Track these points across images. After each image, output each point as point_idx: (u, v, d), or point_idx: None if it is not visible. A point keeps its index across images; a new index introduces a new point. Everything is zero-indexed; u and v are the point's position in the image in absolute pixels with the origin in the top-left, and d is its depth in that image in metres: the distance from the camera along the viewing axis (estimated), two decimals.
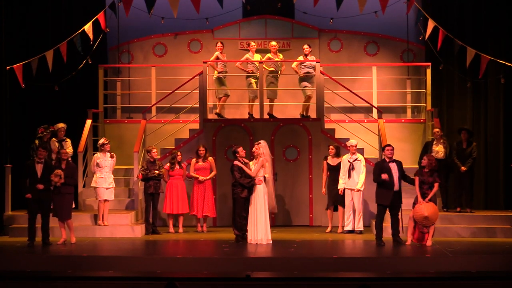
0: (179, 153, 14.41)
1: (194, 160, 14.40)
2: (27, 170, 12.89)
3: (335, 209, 14.34)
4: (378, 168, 12.86)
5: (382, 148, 13.04)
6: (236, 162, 13.08)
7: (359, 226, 14.10)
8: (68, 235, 13.01)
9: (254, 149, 13.27)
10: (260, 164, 12.98)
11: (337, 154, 14.33)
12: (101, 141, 14.30)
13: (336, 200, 14.22)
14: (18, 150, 14.81)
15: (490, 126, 16.00)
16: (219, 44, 16.05)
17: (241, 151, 13.23)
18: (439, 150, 14.57)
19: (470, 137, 14.68)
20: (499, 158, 15.85)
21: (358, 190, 14.00)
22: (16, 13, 15.60)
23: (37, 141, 14.22)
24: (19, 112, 15.48)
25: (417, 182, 12.73)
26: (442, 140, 14.66)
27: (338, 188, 14.12)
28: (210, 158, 14.53)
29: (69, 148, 14.66)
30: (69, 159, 14.03)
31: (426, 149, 14.71)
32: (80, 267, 11.34)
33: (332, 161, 14.31)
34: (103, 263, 11.50)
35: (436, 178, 12.71)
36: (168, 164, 14.32)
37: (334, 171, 14.24)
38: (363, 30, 17.31)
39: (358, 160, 14.10)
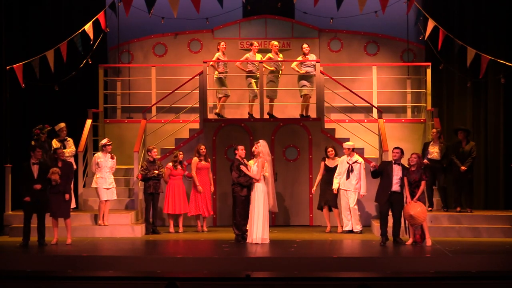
0: (180, 153, 14.41)
1: (196, 159, 14.37)
2: (23, 172, 12.88)
3: (330, 209, 14.34)
4: (381, 167, 12.98)
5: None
6: (236, 162, 13.09)
7: (356, 227, 14.10)
8: (64, 235, 13.00)
9: (253, 148, 13.29)
10: (261, 165, 12.98)
11: (336, 155, 14.35)
12: (104, 141, 14.29)
13: (328, 200, 14.22)
14: (18, 150, 14.81)
15: (490, 126, 16.00)
16: (222, 43, 16.04)
17: (241, 149, 13.22)
18: (434, 150, 14.56)
19: (468, 135, 14.67)
20: (499, 158, 15.85)
21: (363, 196, 14.05)
22: (16, 13, 15.60)
23: (33, 142, 14.20)
24: (19, 112, 15.50)
25: (406, 182, 12.77)
26: (439, 141, 14.64)
27: (333, 187, 14.12)
28: (209, 159, 14.56)
29: (71, 147, 14.66)
30: (71, 159, 14.09)
31: (425, 149, 14.71)
32: (80, 267, 11.34)
33: (330, 162, 14.30)
34: (103, 263, 11.50)
35: (422, 176, 12.74)
36: (170, 164, 14.31)
37: (331, 172, 14.24)
38: (363, 30, 17.31)
39: (358, 163, 14.10)
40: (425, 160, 14.38)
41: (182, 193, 14.35)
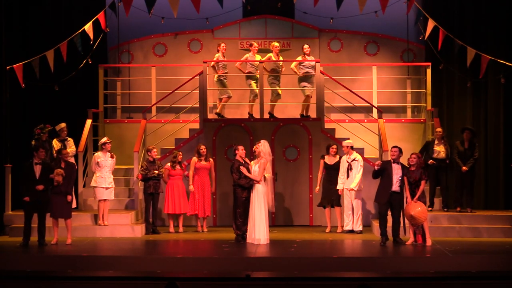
0: (180, 153, 14.41)
1: (195, 158, 14.37)
2: (24, 172, 12.87)
3: (332, 207, 14.34)
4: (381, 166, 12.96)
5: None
6: (236, 164, 13.08)
7: (358, 227, 14.11)
8: (64, 235, 12.99)
9: (254, 148, 13.29)
10: (262, 167, 12.98)
11: (337, 153, 14.38)
12: (103, 140, 14.29)
13: (332, 199, 14.22)
14: (18, 150, 14.81)
15: (490, 126, 16.00)
16: (223, 45, 16.03)
17: (241, 149, 13.22)
18: (440, 150, 14.58)
19: (473, 137, 14.67)
20: (499, 158, 15.85)
21: (352, 190, 14.01)
22: (16, 13, 15.60)
23: (33, 141, 14.20)
24: (19, 112, 15.50)
25: (406, 182, 12.77)
26: (443, 141, 14.66)
27: (337, 188, 14.13)
28: (211, 159, 14.54)
29: (71, 147, 14.66)
30: (72, 159, 14.08)
31: (427, 148, 14.73)
32: (80, 267, 11.33)
33: (330, 160, 14.31)
34: (103, 263, 11.50)
35: (422, 176, 12.74)
36: (169, 164, 14.32)
37: (331, 170, 14.25)
38: (363, 30, 17.32)
39: (356, 160, 14.11)
40: (430, 161, 14.40)
41: (182, 193, 14.34)
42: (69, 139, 14.81)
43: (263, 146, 13.18)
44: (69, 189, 12.95)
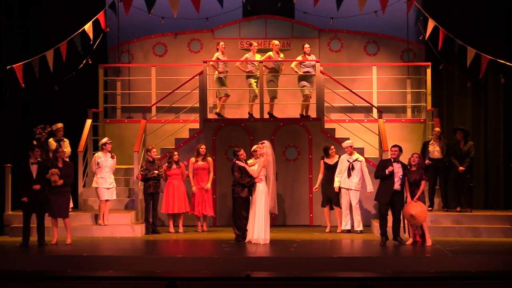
0: (175, 153, 14.39)
1: (193, 159, 14.38)
2: (23, 172, 12.86)
3: (331, 208, 14.35)
4: (380, 166, 12.94)
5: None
6: (237, 162, 13.09)
7: (359, 226, 14.10)
8: (64, 235, 12.99)
9: (257, 148, 13.25)
10: (261, 164, 12.99)
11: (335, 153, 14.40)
12: (104, 140, 14.29)
13: (331, 198, 14.23)
14: (18, 150, 14.81)
15: (490, 126, 16.01)
16: (221, 43, 16.04)
17: (241, 154, 13.21)
18: (434, 150, 14.57)
19: (467, 136, 14.67)
20: (499, 158, 15.86)
21: (370, 192, 13.99)
22: (16, 13, 15.61)
23: (34, 142, 14.21)
24: (19, 112, 15.50)
25: (406, 182, 12.76)
26: (439, 140, 14.64)
27: (334, 186, 14.12)
28: (209, 159, 14.51)
29: (67, 148, 14.66)
30: (67, 158, 14.07)
31: (424, 148, 14.72)
32: (80, 267, 11.34)
33: (330, 160, 14.31)
34: (103, 263, 11.51)
35: (422, 176, 12.74)
36: (166, 164, 14.32)
37: (331, 170, 14.25)
38: (363, 30, 17.32)
39: (359, 161, 14.10)
40: (427, 161, 14.39)
41: (178, 193, 14.28)
42: (65, 139, 14.82)
43: (268, 148, 13.18)
44: (68, 185, 12.96)
